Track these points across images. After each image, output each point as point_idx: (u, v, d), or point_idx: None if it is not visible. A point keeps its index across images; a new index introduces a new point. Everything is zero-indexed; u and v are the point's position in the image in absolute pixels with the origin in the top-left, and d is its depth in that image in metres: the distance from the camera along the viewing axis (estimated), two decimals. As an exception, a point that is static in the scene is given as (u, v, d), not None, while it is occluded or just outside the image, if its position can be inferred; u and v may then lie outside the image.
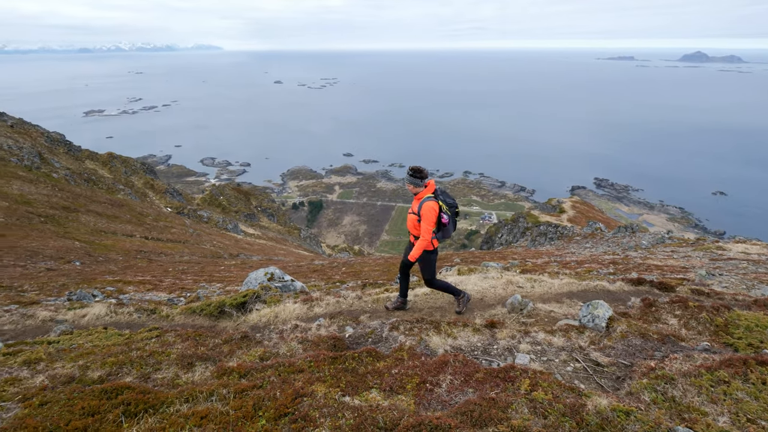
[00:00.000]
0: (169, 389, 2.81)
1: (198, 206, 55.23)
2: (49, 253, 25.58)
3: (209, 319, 4.72)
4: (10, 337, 4.62)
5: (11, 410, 2.53)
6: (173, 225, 42.47)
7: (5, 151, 43.66)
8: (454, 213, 5.04)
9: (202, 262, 24.13)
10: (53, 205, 38.40)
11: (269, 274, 5.85)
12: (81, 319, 5.21)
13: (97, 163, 56.82)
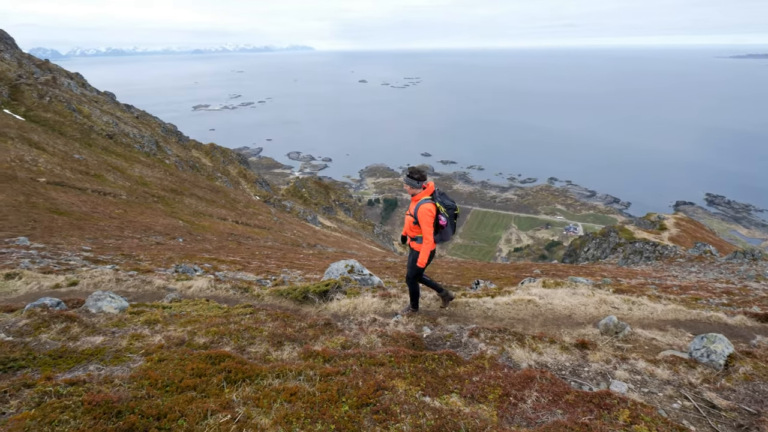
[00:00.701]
0: (261, 363, 3.03)
1: (282, 197, 59.07)
2: (158, 228, 29.11)
3: (294, 303, 5.02)
4: (133, 298, 5.37)
5: (137, 362, 2.92)
6: (260, 212, 45.93)
7: (131, 138, 50.55)
8: (452, 215, 4.79)
9: (283, 248, 25.79)
10: (164, 187, 43.66)
11: (349, 267, 6.05)
12: (187, 290, 5.88)
13: (200, 152, 63.44)
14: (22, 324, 3.39)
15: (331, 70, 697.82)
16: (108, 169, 40.37)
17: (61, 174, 33.88)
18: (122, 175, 40.72)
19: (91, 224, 25.48)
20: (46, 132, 40.71)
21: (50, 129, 42.18)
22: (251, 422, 2.20)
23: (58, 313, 3.64)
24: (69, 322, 3.50)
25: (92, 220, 26.63)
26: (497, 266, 15.58)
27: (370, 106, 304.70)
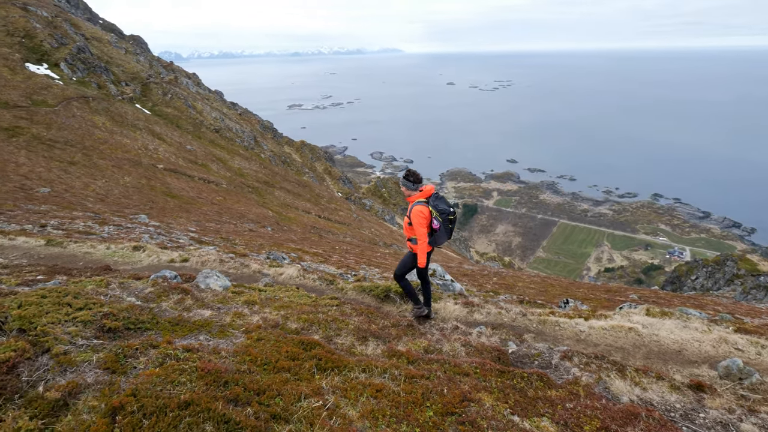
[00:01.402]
0: (348, 355, 3.13)
1: (363, 195, 60.79)
2: (251, 217, 31.68)
3: (376, 300, 5.12)
4: (233, 278, 5.92)
5: (238, 338, 3.20)
6: (341, 208, 47.79)
7: (234, 133, 55.76)
8: (446, 219, 4.70)
9: (361, 245, 26.57)
10: (258, 179, 47.46)
11: (432, 270, 6.01)
12: (279, 276, 6.33)
13: (292, 148, 67.85)
14: (147, 291, 3.92)
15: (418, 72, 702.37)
16: (213, 159, 45.01)
17: (175, 162, 38.50)
18: (224, 165, 45.14)
19: (196, 208, 28.60)
20: (166, 125, 46.62)
21: (170, 122, 48.22)
22: (340, 411, 2.27)
23: (175, 285, 4.14)
24: (183, 295, 3.96)
25: (197, 204, 29.87)
26: (585, 286, 14.40)
27: (455, 109, 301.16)
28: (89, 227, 11.98)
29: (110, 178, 28.34)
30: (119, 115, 40.73)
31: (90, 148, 32.00)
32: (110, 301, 3.37)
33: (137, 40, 70.54)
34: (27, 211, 15.70)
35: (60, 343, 2.58)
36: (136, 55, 59.78)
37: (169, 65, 64.44)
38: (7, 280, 4.36)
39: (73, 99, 36.84)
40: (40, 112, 32.54)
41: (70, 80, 40.25)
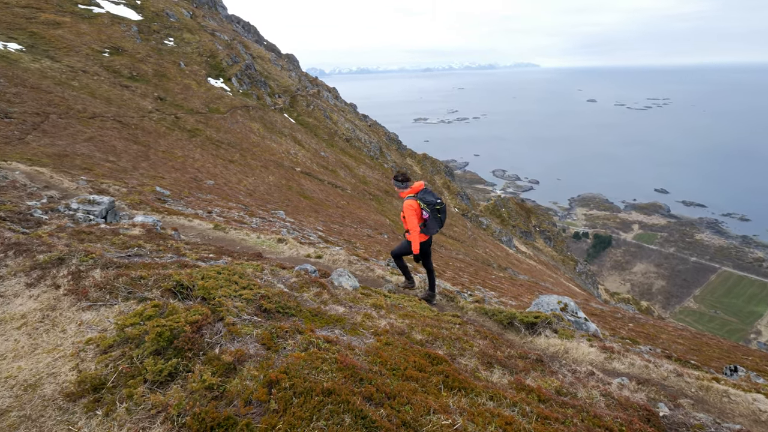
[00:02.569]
0: (473, 378, 3.05)
1: (480, 213, 59.15)
2: (370, 223, 33.32)
3: (498, 326, 4.91)
4: (360, 280, 6.31)
5: (368, 338, 3.39)
6: (456, 224, 47.21)
7: (362, 143, 59.62)
8: (434, 210, 5.36)
9: (474, 264, 25.83)
10: (380, 188, 49.78)
11: (563, 304, 5.53)
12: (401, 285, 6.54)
13: (414, 160, 69.65)
14: (292, 281, 4.43)
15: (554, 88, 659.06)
16: (341, 166, 48.76)
17: (310, 166, 42.70)
18: (350, 172, 48.53)
19: (323, 209, 31.23)
20: (306, 132, 52.14)
21: (309, 130, 53.83)
22: (468, 435, 2.22)
23: (314, 279, 4.59)
24: (321, 289, 4.36)
25: (324, 206, 32.60)
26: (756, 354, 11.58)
27: (594, 128, 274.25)
28: (242, 217, 14.03)
29: (258, 176, 32.66)
30: (270, 122, 46.93)
31: (245, 149, 37.42)
32: (265, 285, 3.88)
33: (291, 58, 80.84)
34: (197, 198, 19.03)
35: (230, 315, 3.06)
36: (289, 71, 68.41)
37: (314, 80, 72.24)
38: (190, 254, 5.38)
39: (237, 108, 43.70)
40: (214, 117, 39.26)
41: (238, 92, 47.85)
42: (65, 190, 11.53)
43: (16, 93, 23.68)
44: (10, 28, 34.05)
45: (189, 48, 47.33)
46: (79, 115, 25.38)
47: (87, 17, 41.34)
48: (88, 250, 4.24)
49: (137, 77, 37.76)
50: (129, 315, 2.89)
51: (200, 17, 56.32)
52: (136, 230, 6.32)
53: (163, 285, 3.40)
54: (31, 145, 18.56)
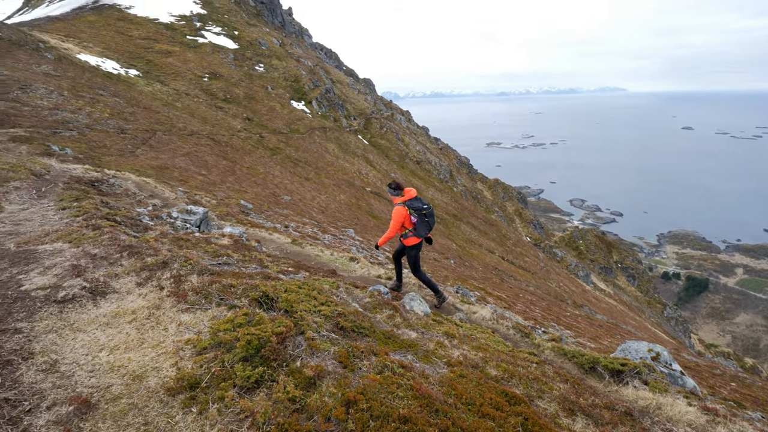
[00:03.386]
0: (553, 425, 2.83)
1: (555, 244, 55.84)
2: (436, 247, 32.93)
3: (578, 369, 4.53)
4: (430, 305, 6.25)
5: (441, 368, 3.32)
6: (527, 254, 44.97)
7: (432, 165, 59.73)
8: (421, 215, 5.96)
9: (546, 299, 24.27)
10: (448, 211, 49.26)
11: (654, 353, 4.96)
12: (472, 314, 6.36)
13: (484, 185, 68.18)
14: (366, 301, 4.51)
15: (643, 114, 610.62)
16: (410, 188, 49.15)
17: (380, 187, 43.58)
18: (419, 194, 48.73)
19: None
20: (378, 154, 53.54)
21: (381, 152, 55.22)
22: (550, 490, 2.05)
23: (387, 301, 4.63)
24: (393, 311, 4.39)
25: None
26: None
27: (689, 158, 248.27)
28: (315, 233, 14.66)
29: (330, 194, 34.01)
30: (345, 143, 48.96)
31: (320, 168, 39.30)
32: (341, 303, 3.99)
33: (367, 82, 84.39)
34: (275, 212, 20.25)
35: (310, 329, 3.19)
36: (365, 94, 71.31)
37: (388, 103, 74.48)
38: (272, 267, 5.74)
39: (315, 129, 46.27)
40: (293, 137, 41.90)
41: (317, 114, 50.78)
42: (166, 199, 12.95)
43: (132, 112, 27.33)
44: (132, 56, 39.76)
45: (276, 73, 51.52)
46: (180, 133, 28.53)
47: (193, 47, 46.95)
48: (187, 256, 4.70)
49: (230, 99, 41.79)
50: (222, 321, 3.14)
51: (288, 45, 61.24)
52: (225, 240, 6.89)
53: (251, 294, 3.65)
54: (140, 158, 21.18)
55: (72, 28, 42.59)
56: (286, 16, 77.77)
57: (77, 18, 46.82)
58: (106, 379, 2.72)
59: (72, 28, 42.59)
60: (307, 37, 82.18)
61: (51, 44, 32.45)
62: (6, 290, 3.87)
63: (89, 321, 3.38)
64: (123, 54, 39.42)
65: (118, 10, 49.96)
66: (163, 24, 49.31)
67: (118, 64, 36.49)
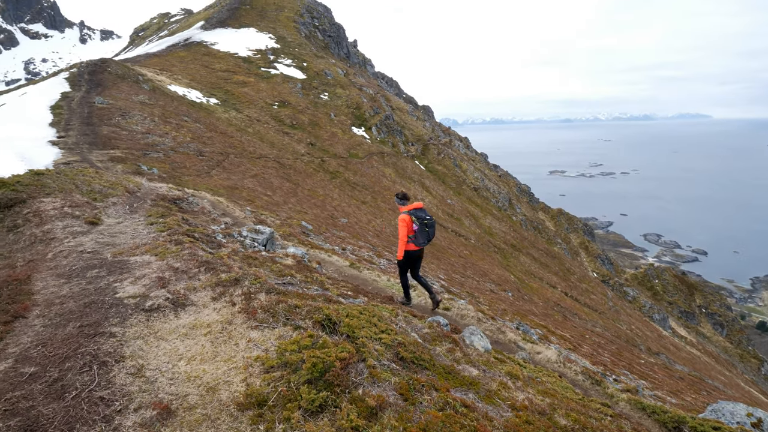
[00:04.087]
0: (633, 491, 2.55)
1: (626, 282, 51.58)
2: (493, 277, 31.80)
3: (660, 428, 4.07)
4: (490, 341, 6.01)
5: (505, 411, 3.16)
6: (594, 291, 41.91)
7: (490, 193, 58.45)
8: (422, 224, 6.41)
9: (616, 342, 22.26)
10: (506, 241, 47.60)
11: (755, 419, 4.31)
12: (536, 355, 6.01)
13: (546, 215, 65.24)
14: (425, 332, 4.45)
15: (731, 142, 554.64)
16: (467, 215, 48.31)
17: (435, 213, 43.28)
18: (475, 222, 47.66)
19: (445, 257, 31.00)
20: (434, 180, 53.46)
21: (438, 178, 55.10)
22: None
23: (446, 333, 4.53)
24: (453, 345, 4.28)
25: (446, 254, 32.35)
26: None
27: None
28: (371, 257, 14.82)
29: (385, 218, 34.32)
30: (402, 168, 49.55)
31: (377, 192, 39.96)
32: (400, 332, 3.97)
33: (426, 109, 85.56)
34: (333, 234, 20.79)
35: (371, 357, 3.20)
36: (424, 121, 72.20)
37: (446, 130, 74.73)
38: (332, 289, 5.88)
39: (374, 154, 47.40)
40: (352, 162, 43.19)
41: (375, 140, 52.10)
42: (236, 218, 13.84)
43: (209, 137, 29.83)
44: (213, 87, 43.78)
45: (339, 101, 53.99)
46: (250, 156, 30.58)
47: (266, 77, 50.77)
48: (256, 274, 4.96)
49: (296, 125, 44.30)
50: (288, 341, 3.25)
51: (351, 75, 64.18)
52: (288, 260, 7.20)
53: (315, 317, 3.76)
54: (214, 178, 22.91)
55: (165, 62, 48.05)
56: (351, 48, 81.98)
57: (170, 54, 52.85)
58: (184, 387, 2.91)
59: (165, 62, 48.05)
60: (369, 67, 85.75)
61: (148, 77, 36.77)
62: (104, 296, 4.33)
63: (170, 330, 3.66)
64: (206, 84, 43.59)
65: (204, 47, 55.70)
66: (242, 57, 54.05)
67: (201, 94, 40.35)
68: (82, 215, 8.62)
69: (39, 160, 16.95)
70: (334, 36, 75.09)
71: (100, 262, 5.55)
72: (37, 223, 8.13)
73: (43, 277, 5.32)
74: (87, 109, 25.82)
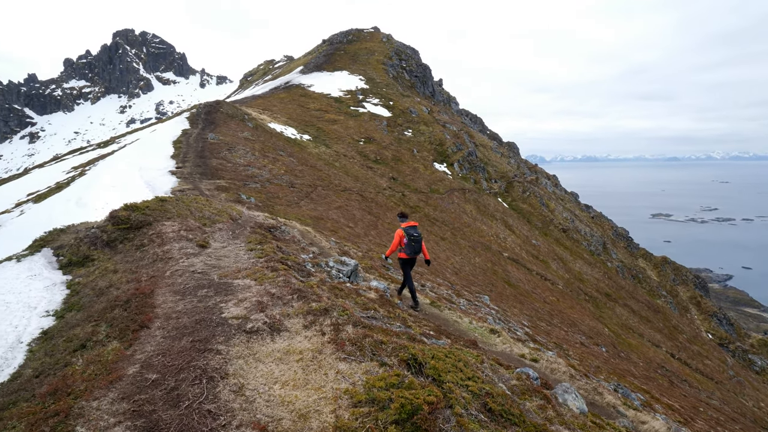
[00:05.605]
0: None
1: (751, 348, 43.62)
2: (583, 328, 28.99)
3: None
4: (587, 402, 5.45)
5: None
6: (709, 355, 36.00)
7: (581, 235, 54.21)
8: (410, 239, 8.14)
9: (738, 420, 18.59)
10: (599, 288, 43.38)
11: None
12: (640, 425, 5.30)
13: (648, 263, 58.50)
14: (512, 383, 4.19)
15: None
16: (554, 258, 45.18)
17: (518, 253, 41.16)
18: (564, 266, 44.28)
19: (529, 302, 29.08)
20: (518, 218, 51.20)
21: (522, 216, 52.69)
22: None
23: (537, 388, 4.22)
24: (545, 402, 3.96)
25: (530, 298, 30.35)
26: None
27: None
28: (450, 296, 14.49)
29: (464, 256, 33.46)
30: (483, 205, 48.40)
31: (456, 229, 39.32)
32: (487, 381, 3.80)
33: (511, 146, 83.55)
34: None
35: (458, 405, 3.10)
36: (508, 158, 70.42)
37: (533, 167, 71.94)
38: (414, 327, 5.86)
39: (455, 190, 47.09)
40: (433, 197, 43.28)
41: (457, 175, 51.85)
42: (322, 248, 14.57)
43: (301, 170, 32.18)
44: (306, 124, 47.64)
45: (422, 137, 55.19)
46: (335, 188, 32.25)
47: (354, 116, 54.02)
48: (344, 306, 5.15)
49: (379, 161, 46.01)
50: (375, 377, 3.30)
51: (435, 112, 65.57)
52: (371, 293, 7.36)
53: (401, 355, 3.77)
54: (302, 209, 24.47)
55: (267, 103, 53.74)
56: (437, 87, 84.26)
57: (272, 95, 59.11)
58: (279, 411, 3.08)
59: (267, 103, 53.74)
60: (454, 105, 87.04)
61: (252, 116, 41.31)
62: (212, 315, 4.81)
63: (267, 354, 3.93)
64: (300, 122, 47.66)
65: (301, 88, 61.40)
66: (334, 98, 58.44)
67: (295, 131, 44.14)
68: (194, 238, 9.75)
69: (161, 186, 19.69)
70: (420, 76, 78.06)
71: (208, 283, 6.20)
72: (159, 244, 9.37)
73: (163, 292, 6.09)
74: (201, 144, 29.61)
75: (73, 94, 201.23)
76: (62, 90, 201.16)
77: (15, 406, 3.52)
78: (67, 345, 4.95)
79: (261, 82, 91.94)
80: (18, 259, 9.62)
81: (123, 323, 4.86)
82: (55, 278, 8.64)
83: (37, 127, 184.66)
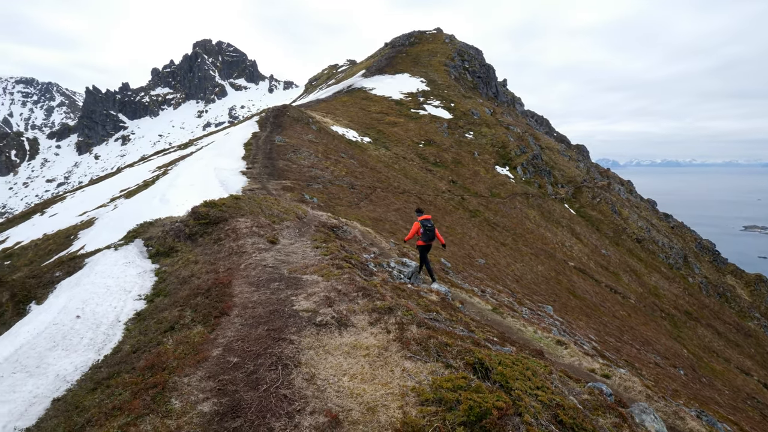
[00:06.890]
0: None
1: None
2: (658, 348, 26.64)
3: None
4: (668, 426, 5.05)
5: None
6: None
7: (658, 247, 49.79)
8: (425, 228, 10.02)
9: None
10: (677, 306, 39.58)
11: None
12: (732, 457, 4.79)
13: (738, 281, 52.38)
14: (584, 398, 4.00)
15: None
16: (626, 270, 41.91)
17: (586, 263, 38.69)
18: (637, 279, 40.91)
19: (596, 315, 27.26)
20: (586, 226, 48.11)
21: (590, 224, 49.43)
22: None
23: (611, 405, 3.99)
24: (620, 420, 3.74)
25: (598, 312, 28.43)
26: None
27: None
28: (511, 303, 14.02)
29: (526, 263, 32.13)
30: (548, 211, 46.13)
31: (518, 235, 37.86)
32: (557, 392, 3.66)
33: (581, 149, 78.75)
34: (470, 275, 20.38)
35: (528, 413, 3.03)
36: (577, 161, 66.47)
37: (604, 171, 67.29)
38: (477, 332, 5.78)
39: (517, 194, 45.35)
40: (494, 201, 42.04)
41: (520, 180, 49.90)
42: (383, 249, 14.78)
43: (361, 172, 32.81)
44: (367, 127, 48.45)
45: (484, 140, 53.86)
46: (394, 190, 32.47)
47: (414, 118, 54.02)
48: (407, 306, 5.21)
49: (439, 163, 45.60)
50: (442, 378, 3.32)
51: (499, 114, 63.69)
52: (433, 296, 7.36)
53: (466, 358, 3.75)
54: (362, 210, 24.92)
55: (330, 106, 55.47)
56: (500, 87, 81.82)
57: (335, 99, 60.93)
58: (348, 402, 3.21)
59: (330, 106, 55.47)
60: (518, 106, 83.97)
61: (316, 119, 42.90)
62: (284, 306, 5.11)
63: (335, 347, 4.11)
64: (361, 125, 48.64)
65: (363, 92, 62.66)
66: (394, 100, 58.93)
67: (357, 133, 45.13)
68: (265, 234, 10.37)
69: (233, 186, 21.09)
70: (483, 76, 76.29)
71: (279, 276, 6.58)
72: (234, 238, 10.08)
73: (239, 283, 6.56)
74: (269, 146, 31.29)
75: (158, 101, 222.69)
76: (149, 97, 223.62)
77: (119, 376, 4.01)
78: (158, 326, 5.51)
79: (325, 86, 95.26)
80: (115, 248, 10.85)
81: (205, 309, 5.31)
82: (146, 266, 9.63)
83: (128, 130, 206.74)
